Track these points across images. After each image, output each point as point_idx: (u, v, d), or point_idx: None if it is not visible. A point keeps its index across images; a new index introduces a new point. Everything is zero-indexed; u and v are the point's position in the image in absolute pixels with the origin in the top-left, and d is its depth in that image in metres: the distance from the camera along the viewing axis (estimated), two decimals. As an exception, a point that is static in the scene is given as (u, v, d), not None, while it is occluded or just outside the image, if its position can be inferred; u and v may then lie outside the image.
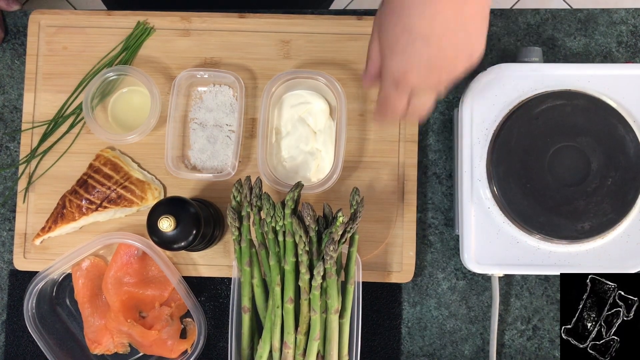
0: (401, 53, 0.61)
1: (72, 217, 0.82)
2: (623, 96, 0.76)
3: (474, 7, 0.59)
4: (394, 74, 0.62)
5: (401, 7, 0.59)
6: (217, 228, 0.82)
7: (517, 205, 0.74)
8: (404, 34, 0.60)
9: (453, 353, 0.84)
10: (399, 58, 0.61)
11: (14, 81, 0.88)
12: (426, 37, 0.59)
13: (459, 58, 0.61)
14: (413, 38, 0.59)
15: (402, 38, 0.60)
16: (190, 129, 0.85)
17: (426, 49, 0.59)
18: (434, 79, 0.62)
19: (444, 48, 0.60)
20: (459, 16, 0.59)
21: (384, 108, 0.66)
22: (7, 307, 0.85)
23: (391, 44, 0.61)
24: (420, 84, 0.62)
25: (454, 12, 0.59)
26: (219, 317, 0.84)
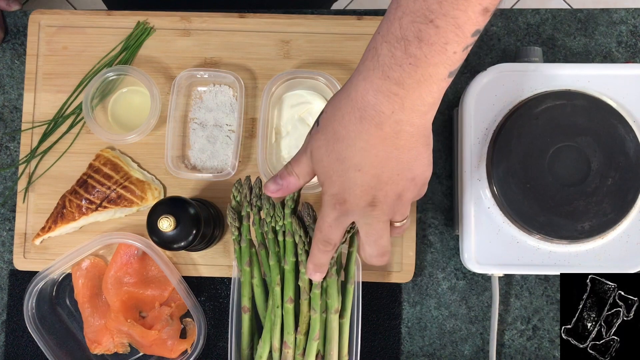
0: (338, 180, 0.60)
1: (72, 217, 0.82)
2: (623, 96, 0.76)
3: (408, 140, 0.58)
4: (334, 198, 0.62)
5: (334, 139, 0.59)
6: (217, 228, 0.82)
7: (517, 205, 0.74)
8: (337, 163, 0.60)
9: (453, 353, 0.84)
10: (336, 185, 0.61)
11: (14, 81, 0.88)
12: (359, 167, 0.59)
13: (398, 183, 0.60)
14: (346, 167, 0.59)
15: (336, 166, 0.60)
16: (190, 128, 0.85)
17: (360, 176, 0.59)
18: (371, 199, 0.61)
19: (377, 175, 0.59)
20: (391, 149, 0.58)
21: (321, 235, 0.65)
22: (7, 307, 0.85)
23: (327, 172, 0.61)
24: (362, 209, 0.61)
25: (385, 145, 0.58)
26: (219, 317, 0.84)
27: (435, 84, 0.56)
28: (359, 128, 0.58)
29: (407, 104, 0.57)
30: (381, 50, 0.56)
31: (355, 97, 0.58)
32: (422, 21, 0.54)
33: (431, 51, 0.54)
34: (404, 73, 0.55)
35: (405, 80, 0.56)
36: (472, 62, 0.87)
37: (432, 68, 0.55)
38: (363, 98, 0.57)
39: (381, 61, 0.56)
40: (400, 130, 0.58)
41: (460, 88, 0.86)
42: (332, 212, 0.63)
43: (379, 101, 0.57)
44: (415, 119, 0.58)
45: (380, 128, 0.57)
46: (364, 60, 0.58)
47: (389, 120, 0.57)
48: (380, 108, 0.57)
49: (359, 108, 0.58)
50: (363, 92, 0.57)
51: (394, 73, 0.55)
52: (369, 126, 0.57)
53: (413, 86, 0.56)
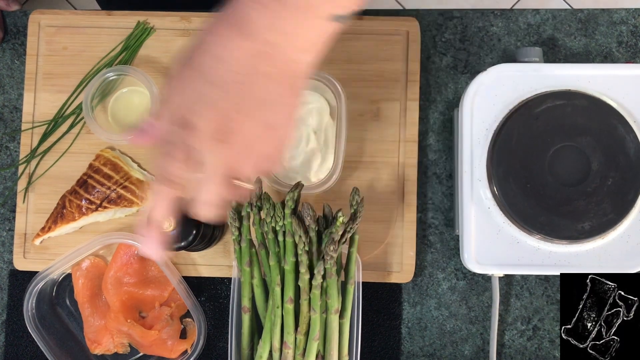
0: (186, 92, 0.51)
1: (72, 217, 0.82)
2: (623, 96, 0.76)
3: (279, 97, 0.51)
4: (176, 111, 0.51)
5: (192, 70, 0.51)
6: (217, 228, 0.82)
7: (517, 205, 0.74)
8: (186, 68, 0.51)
9: (453, 353, 0.84)
10: (183, 96, 0.51)
11: (14, 81, 0.88)
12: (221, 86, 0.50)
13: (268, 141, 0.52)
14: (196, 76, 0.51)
15: (185, 72, 0.51)
16: (190, 129, 0.85)
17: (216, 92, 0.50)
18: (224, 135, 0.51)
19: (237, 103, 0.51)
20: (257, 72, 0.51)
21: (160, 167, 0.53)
22: (6, 307, 0.85)
23: (179, 85, 0.51)
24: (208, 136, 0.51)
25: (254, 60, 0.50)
26: (219, 317, 0.84)
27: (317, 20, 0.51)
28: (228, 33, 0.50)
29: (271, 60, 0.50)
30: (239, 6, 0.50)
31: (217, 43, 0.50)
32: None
33: (297, 11, 0.49)
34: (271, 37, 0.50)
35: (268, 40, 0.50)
36: (472, 62, 0.87)
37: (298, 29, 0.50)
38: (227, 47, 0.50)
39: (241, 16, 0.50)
40: (274, 53, 0.51)
41: (460, 88, 0.86)
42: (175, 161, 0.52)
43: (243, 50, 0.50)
44: (290, 53, 0.51)
45: (251, 39, 0.50)
46: (227, 9, 0.51)
47: (260, 36, 0.50)
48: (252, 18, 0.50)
49: (220, 58, 0.50)
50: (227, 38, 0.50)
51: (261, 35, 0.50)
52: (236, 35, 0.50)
53: (292, 11, 0.50)
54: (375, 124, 0.85)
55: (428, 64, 0.87)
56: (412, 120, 0.84)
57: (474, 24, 0.87)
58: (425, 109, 0.86)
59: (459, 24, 0.87)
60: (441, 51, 0.87)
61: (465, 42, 0.87)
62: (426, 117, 0.86)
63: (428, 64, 0.87)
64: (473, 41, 0.87)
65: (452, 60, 0.87)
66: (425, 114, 0.86)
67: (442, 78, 0.87)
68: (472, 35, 0.87)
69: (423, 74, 0.86)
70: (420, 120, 0.86)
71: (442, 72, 0.87)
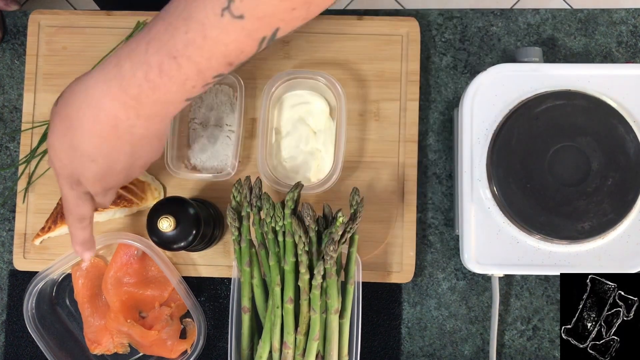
0: (70, 165, 0.63)
1: (72, 217, 0.82)
2: (623, 96, 0.76)
3: (141, 139, 0.62)
4: (69, 179, 0.65)
5: (69, 125, 0.61)
6: (217, 228, 0.82)
7: (517, 205, 0.74)
8: (70, 149, 0.62)
9: (453, 353, 0.84)
10: (69, 169, 0.64)
11: (13, 81, 0.88)
12: (93, 158, 0.62)
13: (130, 171, 0.65)
14: (79, 155, 0.62)
15: (69, 152, 0.62)
16: (190, 128, 0.85)
17: (94, 166, 0.63)
18: (105, 184, 0.66)
19: (111, 167, 0.63)
20: (125, 146, 0.62)
21: (73, 215, 0.68)
22: (6, 307, 0.85)
23: (59, 153, 0.63)
24: (96, 190, 0.66)
25: (120, 143, 0.61)
26: (219, 317, 0.84)
27: (172, 105, 0.60)
28: (94, 126, 0.60)
29: (143, 114, 0.60)
30: (124, 64, 0.58)
31: (92, 95, 0.60)
32: (166, 55, 0.56)
33: (170, 82, 0.57)
34: (142, 93, 0.58)
35: (142, 99, 0.58)
36: (472, 62, 0.87)
37: (170, 95, 0.58)
38: (100, 100, 0.59)
39: (122, 74, 0.58)
40: (135, 132, 0.61)
41: (460, 88, 0.86)
42: (72, 192, 0.66)
43: (115, 107, 0.59)
44: (150, 126, 0.61)
45: (115, 129, 0.60)
46: (107, 64, 0.60)
47: (123, 124, 0.60)
48: (116, 113, 0.59)
49: (94, 107, 0.59)
50: (100, 94, 0.59)
51: (132, 90, 0.58)
52: (104, 126, 0.60)
53: (149, 104, 0.59)
54: (375, 124, 0.85)
55: (428, 64, 0.87)
56: (412, 120, 0.84)
57: (474, 24, 0.87)
58: (425, 109, 0.86)
59: (458, 24, 0.87)
60: (441, 51, 0.87)
61: (465, 42, 0.87)
62: (426, 117, 0.86)
63: (428, 64, 0.87)
64: (473, 41, 0.87)
65: (452, 60, 0.87)
66: (425, 114, 0.86)
67: (442, 78, 0.87)
68: (472, 35, 0.87)
69: (423, 74, 0.86)
70: (420, 120, 0.86)
71: (442, 72, 0.87)
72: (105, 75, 0.59)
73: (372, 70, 0.85)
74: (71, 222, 0.69)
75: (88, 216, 0.69)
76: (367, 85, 0.85)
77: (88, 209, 0.68)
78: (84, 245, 0.71)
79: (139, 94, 0.58)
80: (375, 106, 0.85)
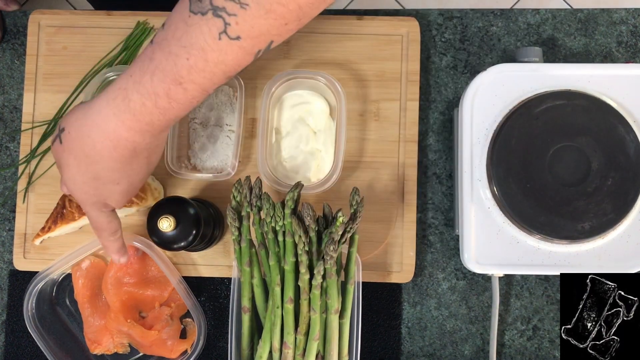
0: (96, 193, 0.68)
1: (72, 217, 0.82)
2: (623, 96, 0.76)
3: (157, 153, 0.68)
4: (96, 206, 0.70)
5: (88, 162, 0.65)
6: (217, 228, 0.82)
7: (517, 205, 0.74)
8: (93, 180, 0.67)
9: (453, 353, 0.84)
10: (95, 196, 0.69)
11: (13, 81, 0.88)
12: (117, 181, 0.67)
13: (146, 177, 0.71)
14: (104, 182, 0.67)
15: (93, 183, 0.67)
16: (190, 128, 0.85)
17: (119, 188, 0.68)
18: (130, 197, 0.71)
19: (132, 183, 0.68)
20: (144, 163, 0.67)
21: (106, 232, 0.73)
22: (6, 307, 0.85)
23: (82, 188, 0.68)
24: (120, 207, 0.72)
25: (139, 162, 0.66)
26: (219, 317, 0.84)
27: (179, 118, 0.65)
28: (114, 154, 0.64)
29: (156, 132, 0.64)
30: (132, 96, 0.61)
31: (106, 129, 0.63)
32: (172, 82, 0.60)
33: (178, 105, 0.62)
34: (154, 118, 0.62)
35: (154, 122, 0.63)
36: (472, 62, 0.87)
37: (179, 113, 0.63)
38: (115, 132, 0.63)
39: (132, 107, 0.62)
40: (152, 150, 0.67)
41: (460, 88, 0.86)
42: (102, 215, 0.71)
43: (131, 135, 0.63)
44: (162, 138, 0.67)
45: (135, 152, 0.65)
46: (114, 96, 0.62)
47: (141, 146, 0.65)
48: (134, 139, 0.64)
49: (112, 139, 0.63)
50: (115, 127, 0.63)
51: (145, 118, 0.62)
52: (124, 152, 0.64)
53: (161, 125, 0.63)
54: (375, 124, 0.85)
55: (428, 64, 0.87)
56: (412, 120, 0.84)
57: (474, 24, 0.87)
58: (425, 109, 0.86)
59: (459, 24, 0.87)
60: (441, 51, 0.87)
61: (465, 42, 0.87)
62: (426, 117, 0.86)
63: (428, 64, 0.87)
64: (473, 41, 0.87)
65: (452, 60, 0.87)
66: (425, 114, 0.86)
67: (442, 78, 0.87)
68: (472, 35, 0.87)
69: (423, 74, 0.86)
70: (420, 120, 0.86)
71: (442, 72, 0.87)
72: (115, 109, 0.62)
73: (372, 70, 0.85)
74: (105, 238, 0.73)
75: (119, 229, 0.74)
76: (367, 85, 0.85)
77: (117, 223, 0.73)
78: (119, 253, 0.76)
79: (151, 120, 0.62)
80: (375, 106, 0.85)
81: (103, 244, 0.74)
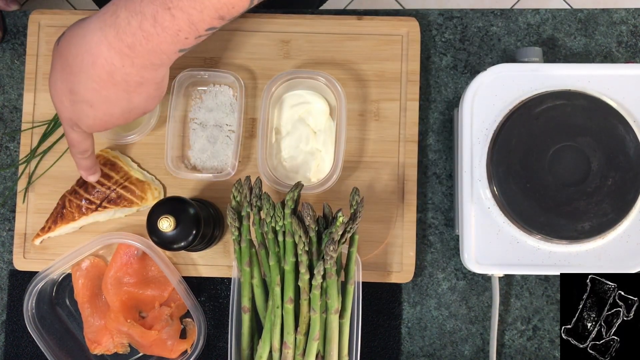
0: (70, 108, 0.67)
1: (72, 217, 0.82)
2: (623, 96, 0.76)
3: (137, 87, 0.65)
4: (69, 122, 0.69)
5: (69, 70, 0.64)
6: (217, 228, 0.82)
7: (517, 205, 0.74)
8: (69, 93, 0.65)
9: (453, 353, 0.84)
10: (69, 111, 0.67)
11: (13, 81, 0.88)
12: (91, 103, 0.65)
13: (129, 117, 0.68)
14: (78, 100, 0.65)
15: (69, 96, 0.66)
16: (190, 129, 0.85)
17: (92, 111, 0.66)
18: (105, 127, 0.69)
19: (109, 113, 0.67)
20: (122, 93, 0.65)
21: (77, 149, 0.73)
22: (6, 307, 0.85)
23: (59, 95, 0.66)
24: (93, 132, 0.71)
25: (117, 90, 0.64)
26: (219, 317, 0.84)
27: (165, 55, 0.62)
28: (91, 71, 0.63)
29: (137, 63, 0.62)
30: (120, 13, 0.60)
31: (90, 42, 0.62)
32: (160, 5, 0.59)
33: (164, 32, 0.60)
34: (136, 41, 0.60)
35: (136, 47, 0.61)
36: (472, 62, 0.87)
37: (163, 45, 0.61)
38: (97, 46, 0.62)
39: (118, 23, 0.61)
40: (130, 81, 0.64)
41: (460, 88, 0.86)
42: (73, 132, 0.70)
43: (111, 55, 0.62)
44: (145, 73, 0.64)
45: (112, 76, 0.63)
46: (105, 11, 0.62)
47: (119, 72, 0.63)
48: (112, 60, 0.62)
49: (92, 53, 0.62)
50: (97, 41, 0.62)
51: (127, 38, 0.60)
52: (101, 72, 0.63)
53: (143, 53, 0.61)
54: (375, 124, 0.85)
55: (428, 64, 0.87)
56: (412, 120, 0.84)
57: (474, 24, 0.87)
58: (425, 109, 0.86)
59: (459, 24, 0.87)
60: (441, 51, 0.87)
61: (465, 42, 0.87)
62: (426, 117, 0.86)
63: (428, 64, 0.87)
64: (473, 41, 0.87)
65: (452, 60, 0.87)
66: (425, 114, 0.86)
67: (442, 78, 0.87)
68: (472, 35, 0.87)
69: (423, 74, 0.86)
70: (420, 120, 0.86)
71: (442, 72, 0.87)
72: (102, 22, 0.62)
73: (372, 70, 0.85)
74: (75, 154, 0.75)
75: (90, 149, 0.74)
76: (367, 85, 0.85)
77: (89, 144, 0.73)
78: (88, 170, 0.77)
79: (134, 43, 0.61)
80: (375, 106, 0.85)
81: (74, 159, 0.76)
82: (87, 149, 0.74)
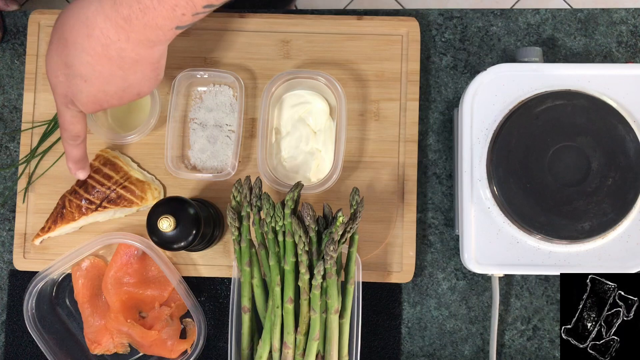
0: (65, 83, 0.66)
1: (72, 217, 0.82)
2: (623, 96, 0.76)
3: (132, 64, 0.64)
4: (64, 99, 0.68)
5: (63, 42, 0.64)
6: (217, 228, 0.82)
7: (517, 205, 0.74)
8: (64, 66, 0.65)
9: (453, 353, 0.84)
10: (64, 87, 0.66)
11: (13, 81, 0.88)
12: (85, 78, 0.64)
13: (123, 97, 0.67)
14: (73, 73, 0.64)
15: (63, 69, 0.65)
16: (190, 129, 0.85)
17: (86, 86, 0.65)
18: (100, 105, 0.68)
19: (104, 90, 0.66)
20: (116, 69, 0.64)
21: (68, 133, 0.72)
22: (6, 307, 0.85)
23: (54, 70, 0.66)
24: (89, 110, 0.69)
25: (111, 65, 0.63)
26: (219, 317, 0.84)
27: (161, 31, 0.61)
28: (86, 43, 0.62)
29: (133, 38, 0.61)
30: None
31: (86, 13, 0.62)
32: None
33: (160, 5, 0.59)
34: (132, 14, 0.59)
35: (132, 20, 0.60)
36: (472, 62, 0.87)
37: (159, 20, 0.60)
38: (93, 18, 0.61)
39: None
40: (125, 56, 0.63)
41: (460, 88, 0.86)
42: (67, 110, 0.69)
43: (106, 27, 0.61)
44: (140, 50, 0.63)
45: (106, 49, 0.62)
46: None
47: (114, 45, 0.62)
48: (107, 33, 0.61)
49: (87, 25, 0.61)
50: (94, 12, 0.61)
51: (124, 10, 0.60)
52: (96, 45, 0.62)
53: (139, 27, 0.60)
54: (375, 124, 0.85)
55: (428, 64, 0.87)
56: (412, 120, 0.84)
57: (474, 24, 0.87)
58: (425, 109, 0.86)
59: (458, 24, 0.87)
60: (441, 51, 0.87)
61: (465, 42, 0.87)
62: (426, 117, 0.86)
63: (428, 64, 0.87)
64: (473, 41, 0.87)
65: (452, 60, 0.87)
66: (425, 114, 0.86)
67: (442, 78, 0.87)
68: (472, 35, 0.87)
69: (423, 74, 0.86)
70: (420, 120, 0.86)
71: (442, 72, 0.87)
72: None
73: (372, 70, 0.85)
74: (65, 139, 0.72)
75: (82, 134, 0.72)
76: (367, 85, 0.85)
77: (82, 127, 0.71)
78: (77, 164, 0.75)
79: (130, 15, 0.60)
80: (375, 106, 0.85)
81: (64, 147, 0.74)
82: (79, 134, 0.72)
